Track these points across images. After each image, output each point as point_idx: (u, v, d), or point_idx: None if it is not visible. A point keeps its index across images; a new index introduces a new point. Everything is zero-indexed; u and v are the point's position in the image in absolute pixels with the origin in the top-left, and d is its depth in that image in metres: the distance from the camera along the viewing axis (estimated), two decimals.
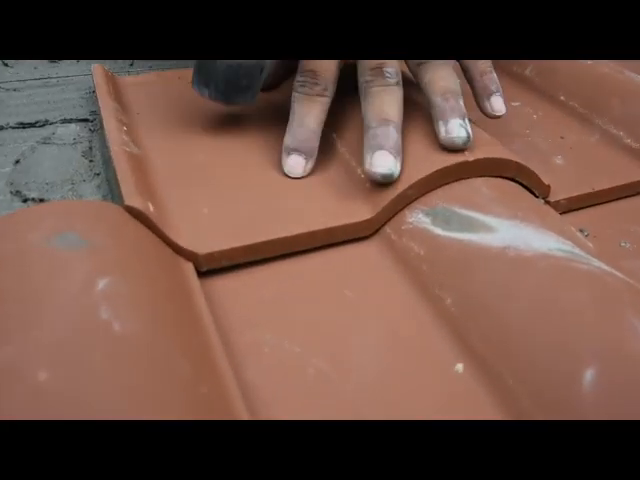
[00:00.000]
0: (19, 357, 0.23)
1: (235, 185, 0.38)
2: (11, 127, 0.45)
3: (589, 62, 0.53)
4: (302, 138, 0.39)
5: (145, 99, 0.47)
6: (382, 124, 0.37)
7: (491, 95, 0.41)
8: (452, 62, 0.41)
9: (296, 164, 0.39)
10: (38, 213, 0.32)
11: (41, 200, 0.37)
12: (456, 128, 0.36)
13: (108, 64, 0.54)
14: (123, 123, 0.42)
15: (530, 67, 0.55)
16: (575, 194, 0.41)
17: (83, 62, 0.56)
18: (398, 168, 0.36)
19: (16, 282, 0.27)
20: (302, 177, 0.39)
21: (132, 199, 0.33)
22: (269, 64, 0.41)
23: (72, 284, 0.27)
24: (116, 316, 0.25)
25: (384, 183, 0.36)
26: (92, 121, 0.47)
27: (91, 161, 0.41)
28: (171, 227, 0.33)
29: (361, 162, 0.38)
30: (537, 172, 0.39)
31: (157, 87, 0.50)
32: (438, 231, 0.34)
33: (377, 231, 0.37)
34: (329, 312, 0.31)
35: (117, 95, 0.46)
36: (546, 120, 0.50)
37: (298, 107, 0.39)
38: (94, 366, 0.23)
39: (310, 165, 0.39)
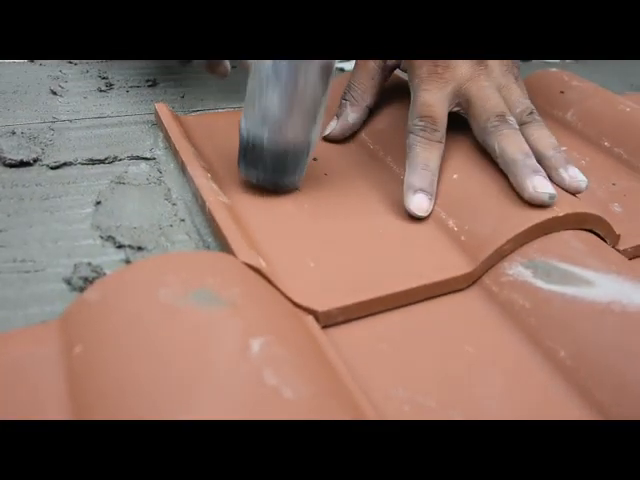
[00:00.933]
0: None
1: (333, 237, 0.39)
2: (80, 163, 0.44)
3: (628, 109, 0.56)
4: (428, 179, 0.40)
5: (213, 141, 0.47)
6: (527, 156, 0.40)
7: (567, 168, 0.42)
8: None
9: (422, 203, 0.40)
10: (160, 267, 0.31)
11: (139, 248, 0.36)
12: (543, 185, 0.38)
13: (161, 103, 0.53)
14: (205, 169, 0.42)
15: (571, 111, 0.58)
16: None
17: (132, 93, 0.56)
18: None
19: (158, 346, 0.27)
20: (423, 217, 0.40)
21: (246, 256, 0.33)
22: (314, 146, 0.41)
23: (226, 348, 0.27)
24: (283, 381, 0.26)
25: (549, 204, 0.38)
26: (156, 159, 0.46)
27: (174, 205, 0.41)
28: (284, 282, 0.34)
29: (452, 214, 0.39)
30: None
31: (221, 128, 0.50)
32: (540, 284, 0.36)
33: (474, 282, 0.38)
34: (452, 365, 0.32)
35: (188, 136, 0.46)
36: (595, 166, 0.52)
37: (421, 150, 0.41)
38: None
39: (432, 207, 0.41)
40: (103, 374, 0.27)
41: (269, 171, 0.40)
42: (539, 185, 0.38)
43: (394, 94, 0.52)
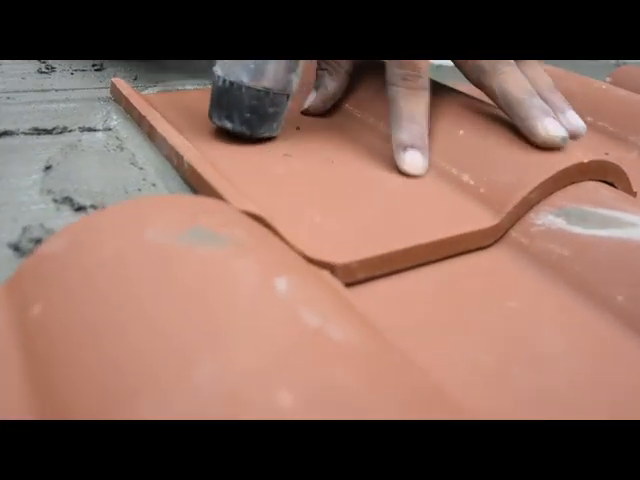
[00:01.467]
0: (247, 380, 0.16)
1: (336, 194, 0.34)
2: (23, 133, 0.37)
3: (603, 87, 0.55)
4: (416, 134, 0.35)
5: (176, 113, 0.41)
6: (533, 95, 0.36)
7: (565, 111, 0.39)
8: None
9: (415, 160, 0.36)
10: (141, 208, 0.25)
11: (103, 208, 0.30)
12: (556, 127, 0.35)
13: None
14: (178, 131, 0.36)
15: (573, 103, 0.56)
16: None
17: (77, 75, 0.49)
18: None
19: (153, 293, 0.20)
20: (419, 175, 0.36)
21: (244, 204, 0.27)
22: (295, 90, 0.38)
23: (245, 288, 0.20)
24: (327, 321, 0.19)
25: (562, 147, 0.35)
26: (112, 130, 0.39)
27: (141, 169, 0.34)
28: (291, 234, 0.28)
29: (465, 169, 0.35)
30: None
31: (184, 102, 0.44)
32: (578, 229, 0.31)
33: (500, 238, 0.33)
34: (499, 322, 0.27)
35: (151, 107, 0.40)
36: (584, 139, 0.50)
37: (404, 102, 0.36)
38: (339, 382, 0.17)
39: (426, 162, 0.36)
40: (77, 339, 0.19)
41: (246, 116, 0.36)
42: (551, 127, 0.35)
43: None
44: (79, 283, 0.21)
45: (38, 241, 0.27)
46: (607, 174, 0.36)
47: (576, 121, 0.39)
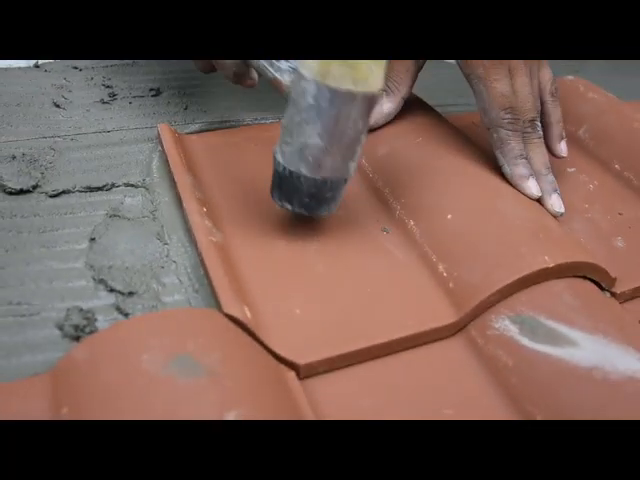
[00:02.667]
0: None
1: (322, 278, 0.39)
2: (78, 191, 0.45)
3: None
4: (529, 169, 0.45)
5: (214, 165, 0.47)
6: (549, 172, 0.46)
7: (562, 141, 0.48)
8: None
9: (535, 185, 0.44)
10: (143, 329, 0.32)
11: (130, 293, 0.37)
12: (560, 204, 0.45)
13: (164, 116, 0.54)
14: (202, 203, 0.42)
15: (584, 127, 0.56)
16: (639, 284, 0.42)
17: (135, 104, 0.55)
18: None
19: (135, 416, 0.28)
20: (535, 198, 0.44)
21: (231, 307, 0.34)
22: (353, 173, 0.40)
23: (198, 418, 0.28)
24: None
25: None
26: (151, 189, 0.46)
27: (165, 244, 0.41)
28: (268, 333, 0.34)
29: (442, 259, 0.39)
30: (600, 258, 0.41)
31: (224, 149, 0.49)
32: (525, 342, 0.35)
33: (459, 330, 0.38)
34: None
35: (188, 163, 0.46)
36: (602, 191, 0.51)
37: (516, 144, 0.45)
38: None
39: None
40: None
41: (305, 200, 0.39)
42: (556, 204, 0.45)
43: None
44: (92, 398, 0.29)
45: (77, 327, 0.35)
46: (579, 270, 0.39)
47: (556, 206, 0.45)
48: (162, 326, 0.32)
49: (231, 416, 0.28)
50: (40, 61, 0.60)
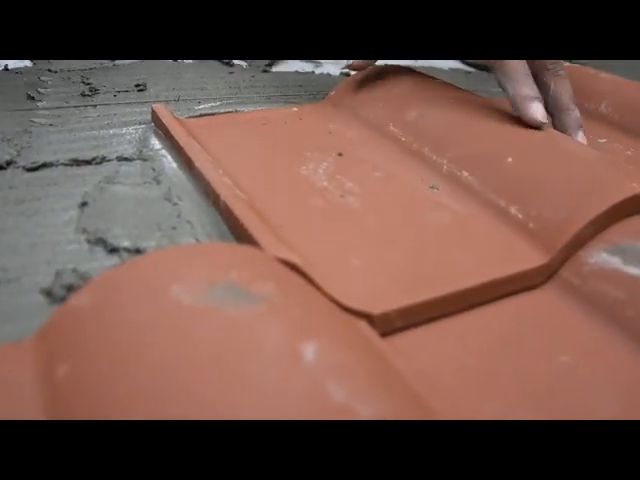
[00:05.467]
0: None
1: (375, 231, 0.32)
2: (62, 164, 0.37)
3: None
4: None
5: (222, 141, 0.41)
6: (576, 108, 0.42)
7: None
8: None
9: (541, 109, 0.38)
10: (169, 260, 0.24)
11: (137, 250, 0.29)
12: (585, 140, 0.42)
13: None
14: (217, 165, 0.36)
15: (605, 102, 0.53)
16: None
17: (120, 97, 0.49)
18: None
19: (175, 360, 0.19)
20: (542, 124, 0.38)
21: (280, 250, 0.27)
22: None
23: (270, 359, 0.19)
24: (354, 396, 0.18)
25: None
26: (150, 160, 0.39)
27: (175, 205, 0.34)
28: (327, 281, 0.27)
29: (513, 201, 0.33)
30: None
31: (227, 128, 0.44)
32: (633, 271, 0.29)
33: (549, 277, 0.31)
34: (549, 378, 0.25)
35: (193, 137, 0.39)
36: None
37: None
38: None
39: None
40: (100, 404, 0.19)
41: None
42: (582, 140, 0.42)
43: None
44: (103, 346, 0.21)
45: (70, 288, 0.27)
46: None
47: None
48: (196, 257, 0.24)
49: (310, 348, 0.20)
50: (10, 64, 0.54)
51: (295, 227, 0.32)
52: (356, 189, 0.36)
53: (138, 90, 0.51)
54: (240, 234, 0.30)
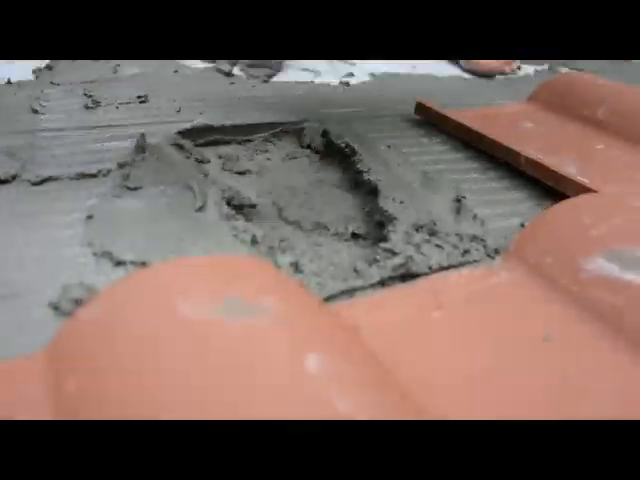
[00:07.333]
0: None
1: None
2: (67, 178, 0.38)
3: None
4: None
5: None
6: None
7: None
8: None
9: None
10: (174, 273, 0.24)
11: (142, 263, 0.30)
12: None
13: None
14: None
15: (602, 108, 0.53)
16: None
17: (122, 109, 0.50)
18: None
19: (181, 371, 0.20)
20: None
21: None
22: None
23: (277, 370, 0.20)
24: (355, 403, 0.19)
25: None
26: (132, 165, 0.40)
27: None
28: None
29: None
30: None
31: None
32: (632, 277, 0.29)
33: None
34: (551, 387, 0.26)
35: None
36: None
37: None
38: None
39: None
40: (109, 416, 0.20)
41: None
42: None
43: None
44: (111, 360, 0.21)
45: (77, 301, 0.27)
46: None
47: None
48: (198, 270, 0.25)
49: (312, 360, 0.20)
50: (13, 77, 0.55)
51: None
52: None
53: (140, 102, 0.52)
54: None
